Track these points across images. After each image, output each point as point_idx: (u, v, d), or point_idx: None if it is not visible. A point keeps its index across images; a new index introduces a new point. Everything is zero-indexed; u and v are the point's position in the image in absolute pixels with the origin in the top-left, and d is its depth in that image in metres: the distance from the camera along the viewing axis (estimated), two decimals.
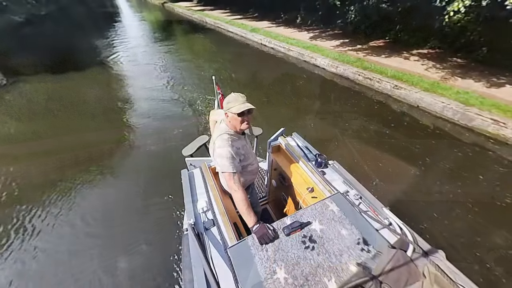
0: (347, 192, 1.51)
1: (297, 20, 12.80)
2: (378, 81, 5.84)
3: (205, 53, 10.52)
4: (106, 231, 2.93)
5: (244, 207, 1.28)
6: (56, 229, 2.97)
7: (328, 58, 7.26)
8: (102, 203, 3.33)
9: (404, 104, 5.28)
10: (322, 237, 1.18)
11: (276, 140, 2.05)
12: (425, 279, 1.00)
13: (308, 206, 1.34)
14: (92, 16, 24.01)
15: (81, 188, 3.55)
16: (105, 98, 6.47)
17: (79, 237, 2.88)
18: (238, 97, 1.40)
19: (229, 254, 1.13)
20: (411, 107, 5.16)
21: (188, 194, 1.59)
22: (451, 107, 4.55)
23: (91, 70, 8.37)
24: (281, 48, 9.05)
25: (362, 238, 1.17)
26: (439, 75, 5.77)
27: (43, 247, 2.76)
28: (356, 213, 1.32)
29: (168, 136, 4.62)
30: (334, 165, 1.79)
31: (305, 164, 1.77)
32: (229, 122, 1.46)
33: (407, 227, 1.25)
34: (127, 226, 2.96)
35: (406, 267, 1.03)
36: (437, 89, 5.07)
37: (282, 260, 1.09)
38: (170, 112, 5.54)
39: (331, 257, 1.10)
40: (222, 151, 1.40)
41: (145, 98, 6.30)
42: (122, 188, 3.60)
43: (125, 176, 3.86)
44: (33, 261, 2.62)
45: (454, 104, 4.59)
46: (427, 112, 4.92)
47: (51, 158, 4.12)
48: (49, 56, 10.15)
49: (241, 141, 1.55)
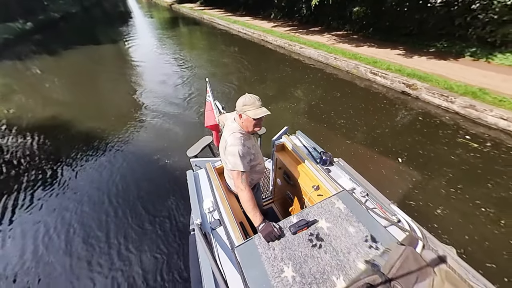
0: (354, 189, 1.49)
1: (271, 15, 16.57)
2: (295, 46, 9.48)
3: (198, 35, 14.41)
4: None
5: (250, 206, 1.30)
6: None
7: (274, 36, 10.94)
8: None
9: (304, 58, 8.90)
10: (329, 235, 1.17)
11: (280, 138, 2.03)
12: (436, 276, 0.97)
13: (314, 204, 1.33)
14: (109, 15, 28.55)
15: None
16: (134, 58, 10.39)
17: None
18: (255, 101, 1.40)
19: (236, 254, 1.14)
20: (309, 58, 8.77)
21: (194, 194, 1.62)
22: (324, 55, 8.16)
23: (116, 45, 12.39)
24: (248, 32, 12.83)
25: (370, 235, 1.15)
26: (338, 44, 9.34)
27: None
28: (363, 210, 1.30)
29: (164, 72, 8.40)
30: (339, 162, 1.78)
31: (310, 162, 1.77)
32: (241, 123, 1.47)
33: (415, 224, 1.25)
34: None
35: (416, 264, 0.99)
36: (332, 51, 8.61)
37: (289, 259, 1.08)
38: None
39: (338, 255, 1.08)
40: (234, 149, 1.40)
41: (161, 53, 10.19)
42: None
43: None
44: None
45: (330, 54, 8.20)
46: (314, 59, 8.52)
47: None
48: (85, 39, 14.26)
49: (251, 140, 1.58)
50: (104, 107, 6.50)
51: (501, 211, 2.91)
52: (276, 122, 4.51)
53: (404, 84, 5.71)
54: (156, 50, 11.49)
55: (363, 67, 6.71)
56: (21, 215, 3.38)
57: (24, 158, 4.56)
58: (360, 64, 6.86)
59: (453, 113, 4.88)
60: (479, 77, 5.64)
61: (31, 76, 9.13)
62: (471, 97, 4.79)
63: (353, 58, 7.34)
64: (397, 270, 0.96)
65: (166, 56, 10.33)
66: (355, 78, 6.92)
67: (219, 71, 8.51)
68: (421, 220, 1.39)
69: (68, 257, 2.79)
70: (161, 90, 7.04)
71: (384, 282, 0.93)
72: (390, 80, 6.04)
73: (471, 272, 0.99)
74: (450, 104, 4.91)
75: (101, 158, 4.42)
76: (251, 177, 1.64)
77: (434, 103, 5.20)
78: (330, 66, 7.87)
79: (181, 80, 7.72)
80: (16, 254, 2.87)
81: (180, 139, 4.75)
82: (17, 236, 3.08)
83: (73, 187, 3.84)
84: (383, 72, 6.24)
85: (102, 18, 25.05)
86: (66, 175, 4.08)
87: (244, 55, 9.77)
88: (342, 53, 7.82)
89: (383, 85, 6.21)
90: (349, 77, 7.06)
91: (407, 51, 7.76)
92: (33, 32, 16.16)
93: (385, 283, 0.93)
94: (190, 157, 2.19)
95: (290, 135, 2.07)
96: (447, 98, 4.95)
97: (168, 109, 5.93)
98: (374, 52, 7.79)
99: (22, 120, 5.80)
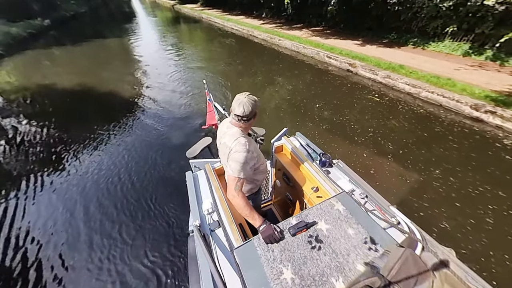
0: (353, 191, 1.49)
1: (263, 15, 18.26)
2: (274, 39, 11.12)
3: (197, 31, 16.15)
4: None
5: (247, 211, 1.27)
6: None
7: (259, 31, 12.59)
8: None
9: (281, 48, 10.53)
10: (328, 237, 1.17)
11: (279, 140, 2.04)
12: (435, 278, 0.97)
13: (314, 206, 1.32)
14: (115, 14, 30.54)
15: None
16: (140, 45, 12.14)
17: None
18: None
19: (235, 255, 1.14)
20: (285, 48, 10.39)
21: (193, 195, 1.61)
22: (296, 45, 9.78)
23: (123, 38, 14.15)
24: (239, 28, 14.52)
25: (369, 237, 1.15)
26: (311, 37, 10.96)
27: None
28: (363, 212, 1.30)
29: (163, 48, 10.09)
30: (338, 164, 1.78)
31: (309, 163, 1.76)
32: (242, 125, 1.44)
33: (415, 226, 1.24)
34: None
35: (415, 266, 0.99)
36: (303, 42, 10.22)
37: (289, 261, 1.08)
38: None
39: (338, 257, 1.08)
40: (239, 156, 1.37)
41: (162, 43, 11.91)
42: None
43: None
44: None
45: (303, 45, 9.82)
46: (289, 49, 10.14)
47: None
48: (95, 34, 16.07)
49: (253, 142, 1.55)
50: (112, 79, 8.19)
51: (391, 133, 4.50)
52: (242, 90, 6.14)
53: (348, 63, 7.32)
54: (159, 42, 13.23)
55: (323, 53, 8.33)
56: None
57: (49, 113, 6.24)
58: (320, 51, 8.47)
59: (378, 82, 6.47)
60: (408, 58, 7.22)
61: (61, 57, 10.93)
62: (391, 71, 6.37)
63: (317, 47, 8.95)
64: (397, 272, 0.96)
65: (167, 46, 12.04)
66: (317, 62, 8.53)
67: (212, 56, 10.26)
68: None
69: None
70: (164, 73, 8.71)
71: (384, 284, 0.93)
72: (339, 62, 7.65)
73: (471, 274, 1.00)
74: (376, 76, 6.51)
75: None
76: (256, 179, 1.65)
77: (366, 76, 6.79)
78: (300, 54, 9.50)
79: (178, 60, 9.40)
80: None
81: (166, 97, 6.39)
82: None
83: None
84: (336, 56, 7.84)
85: (109, 17, 27.06)
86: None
87: (233, 47, 11.45)
88: (310, 43, 9.44)
89: (335, 66, 7.82)
90: (312, 61, 8.67)
91: (364, 42, 9.36)
92: (51, 28, 18.29)
93: (384, 286, 0.93)
94: (189, 158, 2.18)
95: (289, 136, 2.09)
96: (374, 72, 6.54)
97: (170, 87, 7.59)
98: (337, 43, 9.39)
99: (56, 84, 7.53)
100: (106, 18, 26.58)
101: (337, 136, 4.52)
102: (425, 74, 5.87)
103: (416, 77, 5.89)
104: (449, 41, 7.83)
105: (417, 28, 8.65)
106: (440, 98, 5.21)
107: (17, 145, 5.02)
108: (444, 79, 5.55)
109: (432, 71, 6.09)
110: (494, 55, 6.75)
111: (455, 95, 5.03)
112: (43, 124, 5.73)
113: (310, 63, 8.51)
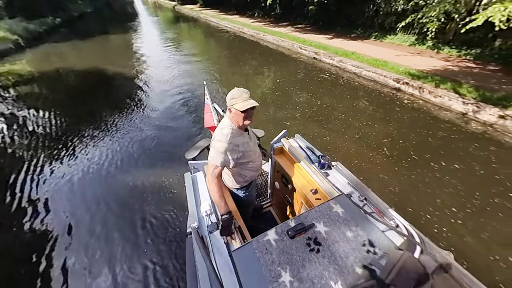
0: (352, 194, 1.50)
1: (255, 14, 19.85)
2: (259, 34, 12.65)
3: (194, 29, 17.77)
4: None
5: (216, 197, 1.36)
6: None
7: (248, 28, 14.16)
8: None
9: (265, 42, 12.05)
10: (327, 239, 1.16)
11: (278, 142, 2.05)
12: (433, 281, 0.98)
13: (312, 208, 1.32)
14: (119, 14, 32.35)
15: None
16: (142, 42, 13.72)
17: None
18: (242, 93, 1.40)
19: (233, 258, 1.14)
20: (268, 42, 11.91)
21: (191, 197, 1.61)
22: (277, 39, 11.30)
23: (128, 34, 15.77)
24: (232, 26, 16.13)
25: (367, 240, 1.15)
26: (292, 33, 12.47)
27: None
28: (361, 214, 1.30)
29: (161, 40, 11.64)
30: (337, 166, 1.78)
31: (308, 165, 1.77)
32: (232, 117, 1.47)
33: (413, 228, 1.25)
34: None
35: (414, 269, 1.00)
36: (282, 36, 11.73)
37: (287, 263, 1.07)
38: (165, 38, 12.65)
39: (336, 260, 1.08)
40: (217, 145, 1.42)
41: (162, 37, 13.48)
42: None
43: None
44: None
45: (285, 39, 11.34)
46: (271, 42, 11.65)
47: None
48: (100, 31, 17.74)
49: (243, 137, 1.54)
50: (120, 61, 9.71)
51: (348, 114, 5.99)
52: (227, 77, 7.65)
53: (314, 52, 8.84)
54: (159, 36, 14.79)
55: (296, 45, 9.86)
56: None
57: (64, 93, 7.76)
58: (295, 43, 10.00)
59: (334, 66, 7.97)
60: (365, 48, 8.71)
61: (75, 49, 12.51)
62: (344, 57, 7.87)
63: (293, 40, 10.48)
64: (395, 276, 0.96)
65: (166, 39, 13.60)
66: (292, 52, 10.06)
67: (206, 47, 11.82)
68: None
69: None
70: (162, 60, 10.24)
71: (382, 287, 0.94)
72: (308, 51, 9.17)
73: (469, 277, 1.00)
74: (332, 61, 8.02)
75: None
76: (244, 173, 1.64)
77: (326, 62, 8.31)
78: (280, 46, 11.04)
79: (176, 51, 10.93)
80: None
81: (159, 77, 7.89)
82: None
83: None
84: (306, 47, 9.36)
85: (113, 17, 28.83)
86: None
87: (224, 41, 13.01)
88: (288, 37, 11.00)
89: (305, 55, 9.35)
90: (288, 52, 10.21)
91: (334, 36, 10.88)
92: (61, 25, 20.04)
93: None
94: (188, 159, 2.18)
95: (288, 138, 2.09)
96: (331, 58, 8.05)
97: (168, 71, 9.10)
98: (311, 37, 10.91)
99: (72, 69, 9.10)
100: (111, 17, 28.42)
101: (295, 105, 6.00)
102: (368, 59, 7.35)
103: (361, 61, 7.39)
104: (402, 34, 9.33)
105: (377, 24, 10.15)
106: (374, 75, 6.70)
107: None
108: (381, 61, 7.04)
109: (376, 56, 7.57)
110: (434, 45, 8.25)
111: (384, 72, 6.51)
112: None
113: (286, 54, 10.02)
